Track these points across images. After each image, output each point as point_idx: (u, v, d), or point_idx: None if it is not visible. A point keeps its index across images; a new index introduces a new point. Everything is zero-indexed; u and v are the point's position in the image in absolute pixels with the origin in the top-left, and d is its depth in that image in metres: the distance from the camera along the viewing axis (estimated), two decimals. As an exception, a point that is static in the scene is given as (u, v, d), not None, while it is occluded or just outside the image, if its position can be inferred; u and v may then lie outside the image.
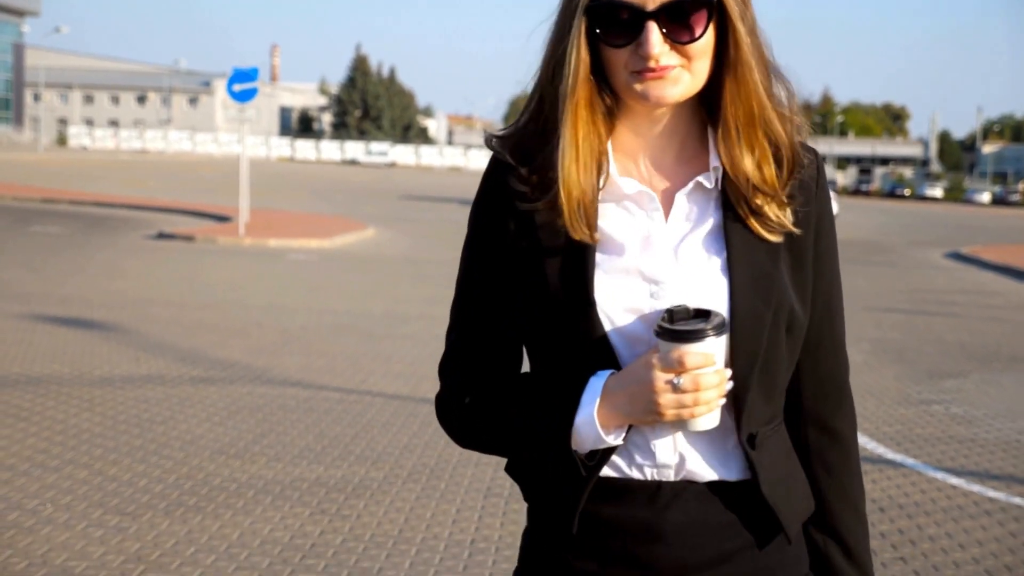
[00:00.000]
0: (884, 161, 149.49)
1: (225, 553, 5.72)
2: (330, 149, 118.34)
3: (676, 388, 1.78)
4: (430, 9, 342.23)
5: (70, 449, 7.57)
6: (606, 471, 1.88)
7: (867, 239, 35.76)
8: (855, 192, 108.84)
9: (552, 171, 1.88)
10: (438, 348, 2.07)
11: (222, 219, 30.33)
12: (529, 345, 1.95)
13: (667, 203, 1.92)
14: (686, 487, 1.88)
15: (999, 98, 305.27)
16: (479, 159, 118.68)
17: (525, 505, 2.52)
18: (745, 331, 1.86)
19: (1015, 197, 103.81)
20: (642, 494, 1.87)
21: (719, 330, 1.79)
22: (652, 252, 1.88)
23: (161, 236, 25.22)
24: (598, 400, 1.82)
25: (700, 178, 1.91)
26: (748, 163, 1.88)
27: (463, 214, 32.49)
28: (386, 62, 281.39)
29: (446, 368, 1.98)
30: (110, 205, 34.89)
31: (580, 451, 1.84)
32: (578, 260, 1.86)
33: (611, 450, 1.85)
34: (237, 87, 26.09)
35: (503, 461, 2.86)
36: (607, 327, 1.85)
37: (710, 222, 1.91)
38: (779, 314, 1.89)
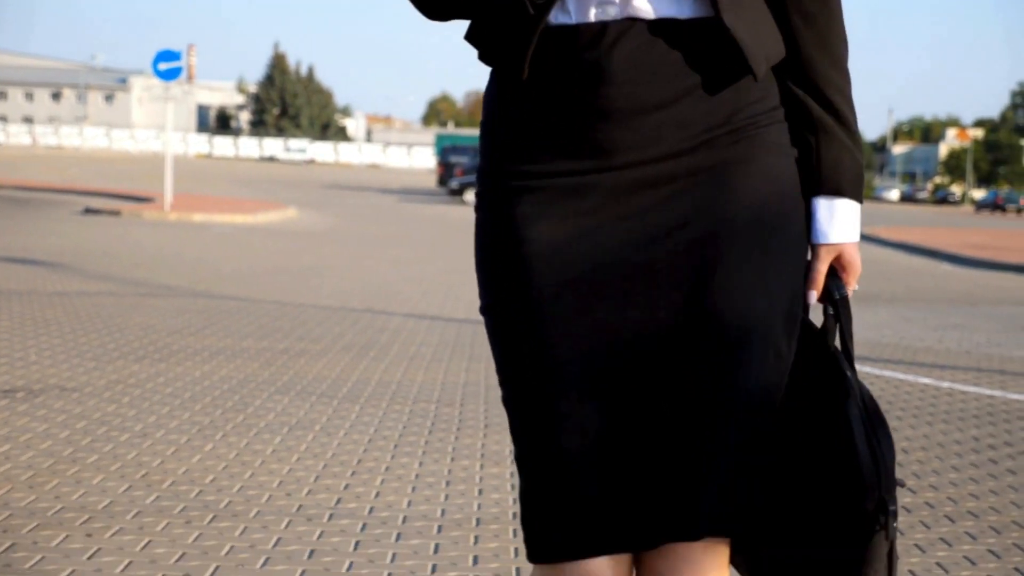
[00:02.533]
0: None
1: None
2: (248, 146, 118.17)
3: None
4: (349, 8, 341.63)
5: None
6: (555, 18, 1.86)
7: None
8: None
9: None
10: (365, 279, 2.66)
11: (146, 200, 30.83)
12: None
13: None
14: (632, 25, 1.84)
15: (910, 101, 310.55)
16: (398, 156, 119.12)
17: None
18: None
19: (923, 195, 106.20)
20: (588, 35, 1.83)
21: None
22: None
23: (88, 211, 25.71)
24: None
25: None
26: None
27: (383, 200, 33.37)
28: (305, 60, 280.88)
29: None
30: (32, 189, 35.19)
31: None
32: None
33: None
34: (163, 66, 26.63)
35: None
36: None
37: None
38: None
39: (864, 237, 31.05)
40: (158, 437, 5.56)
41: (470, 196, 44.27)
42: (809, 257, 1.97)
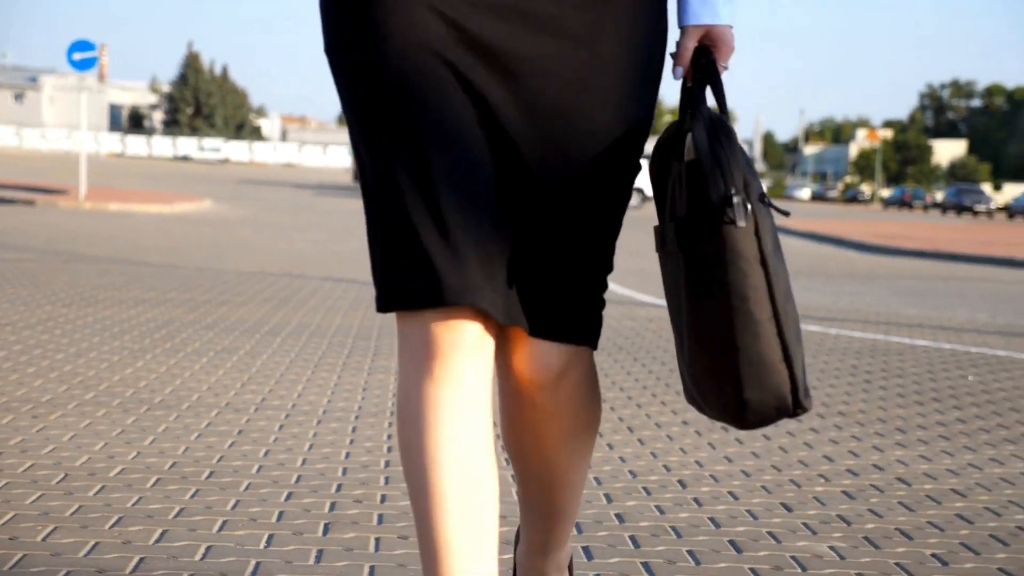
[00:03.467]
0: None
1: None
2: (162, 145, 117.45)
3: None
4: (263, 8, 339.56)
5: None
6: None
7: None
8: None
9: None
10: (282, 252, 2.95)
11: (60, 192, 30.82)
12: None
13: None
14: None
15: (820, 102, 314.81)
16: (314, 155, 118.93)
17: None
18: None
19: (833, 194, 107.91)
20: None
21: None
22: None
23: (1, 202, 25.72)
24: None
25: None
26: None
27: (299, 194, 33.21)
28: (219, 60, 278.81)
29: None
30: (-57, 181, 34.98)
31: None
32: None
33: None
34: (77, 56, 26.66)
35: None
36: None
37: None
38: None
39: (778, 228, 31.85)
40: (91, 356, 5.93)
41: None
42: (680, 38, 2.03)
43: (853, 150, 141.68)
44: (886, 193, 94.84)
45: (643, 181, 46.65)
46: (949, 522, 3.57)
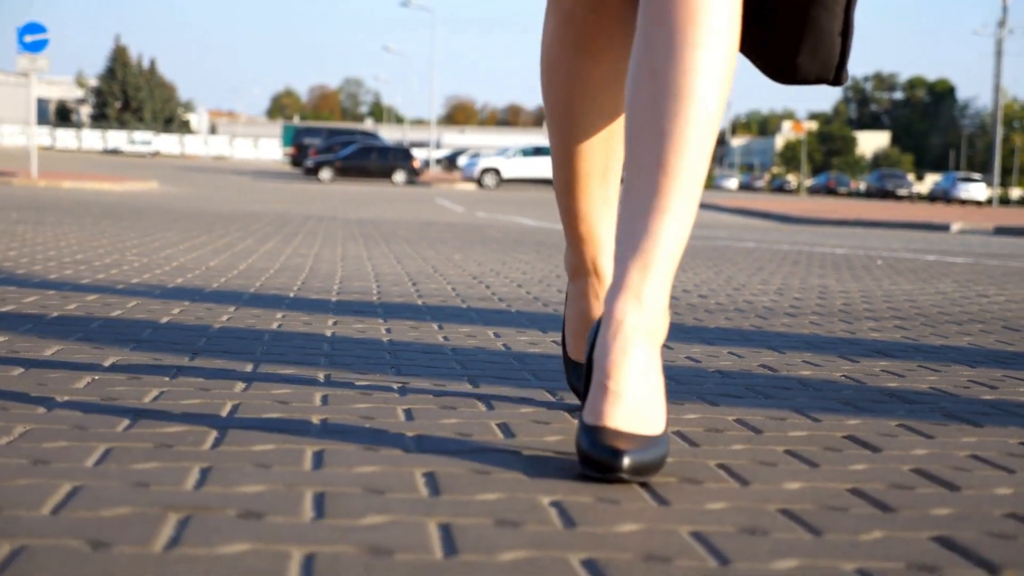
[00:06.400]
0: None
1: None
2: (92, 138, 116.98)
3: None
4: (191, 2, 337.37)
5: None
6: None
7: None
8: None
9: None
10: (241, 208, 3.57)
11: (11, 174, 31.36)
12: None
13: None
14: None
15: (747, 95, 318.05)
16: (244, 148, 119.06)
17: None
18: None
19: (760, 184, 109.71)
20: None
21: None
22: None
23: (-45, 181, 26.27)
24: None
25: None
26: None
27: (239, 179, 33.59)
28: (147, 54, 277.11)
29: None
30: None
31: None
32: None
33: None
34: (29, 38, 27.28)
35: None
36: None
37: None
38: None
39: (704, 206, 32.95)
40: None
41: (325, 174, 45.45)
42: None
43: (779, 142, 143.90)
44: (811, 183, 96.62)
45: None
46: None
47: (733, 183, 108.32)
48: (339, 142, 48.65)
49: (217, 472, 1.67)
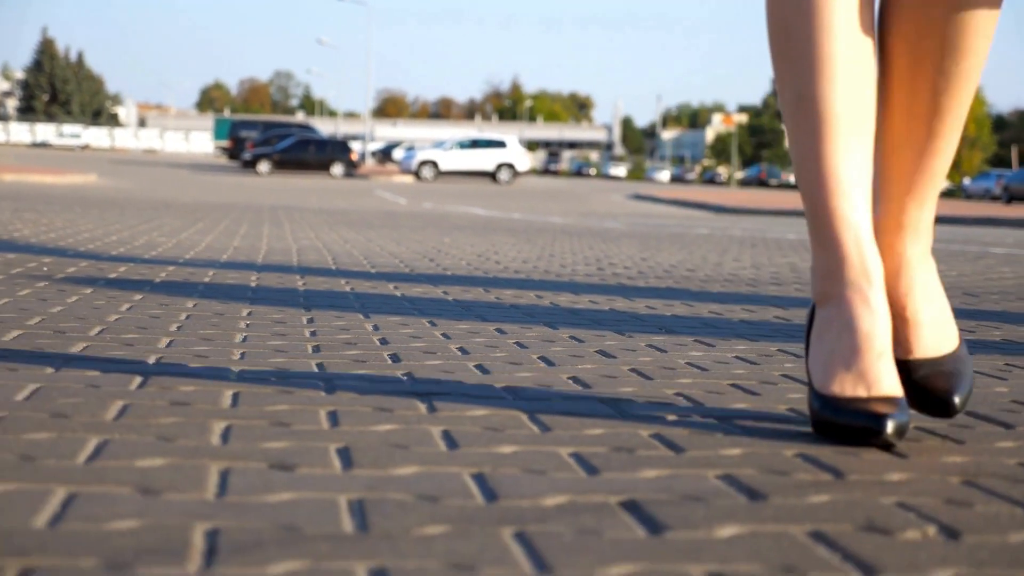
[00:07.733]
0: (572, 145, 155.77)
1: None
2: (19, 132, 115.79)
3: None
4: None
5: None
6: None
7: (558, 189, 39.24)
8: (544, 172, 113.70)
9: None
10: (189, 201, 3.84)
11: (-52, 166, 31.22)
12: None
13: None
14: None
15: (677, 88, 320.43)
16: (175, 141, 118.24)
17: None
18: None
19: (691, 176, 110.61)
20: None
21: None
22: None
23: None
24: None
25: None
26: None
27: (176, 172, 33.36)
28: (74, 46, 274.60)
29: None
30: None
31: None
32: None
33: None
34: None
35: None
36: None
37: None
38: None
39: (641, 197, 33.54)
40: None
41: (263, 167, 45.47)
42: None
43: (710, 134, 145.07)
44: (742, 175, 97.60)
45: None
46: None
47: (665, 175, 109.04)
48: (276, 135, 48.65)
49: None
